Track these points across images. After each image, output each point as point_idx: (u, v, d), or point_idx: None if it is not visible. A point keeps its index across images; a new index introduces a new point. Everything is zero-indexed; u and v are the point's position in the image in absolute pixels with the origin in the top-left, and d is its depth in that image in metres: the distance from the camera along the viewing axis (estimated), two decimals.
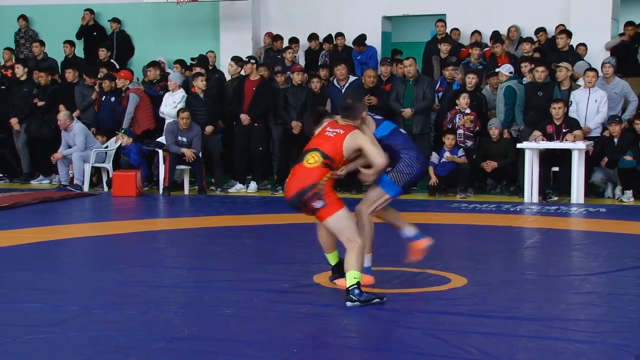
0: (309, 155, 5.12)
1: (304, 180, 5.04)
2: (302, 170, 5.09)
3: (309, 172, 5.06)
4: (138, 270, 6.09)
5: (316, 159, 5.08)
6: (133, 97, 11.61)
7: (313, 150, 5.13)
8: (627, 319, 4.59)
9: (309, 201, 5.04)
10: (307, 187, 5.02)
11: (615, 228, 8.04)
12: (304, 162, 5.10)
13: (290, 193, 5.10)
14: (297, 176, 5.10)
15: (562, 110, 10.09)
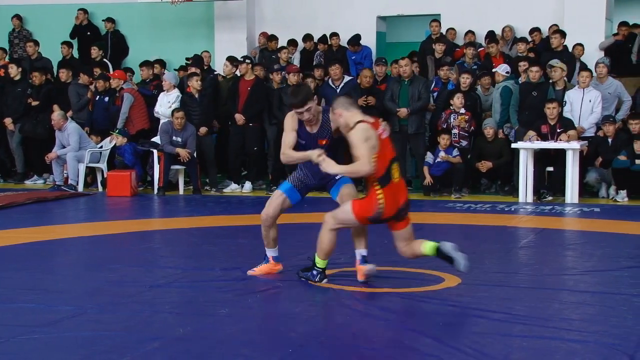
0: (393, 169, 5.19)
1: (401, 197, 5.23)
2: (395, 187, 5.18)
3: (400, 187, 5.23)
4: (133, 270, 6.09)
5: (398, 171, 5.24)
6: (127, 97, 11.61)
7: (393, 162, 5.19)
8: (620, 318, 4.61)
9: (402, 215, 5.25)
10: (405, 204, 5.25)
11: (609, 228, 8.07)
12: (393, 180, 5.17)
13: (390, 213, 5.19)
14: (396, 192, 5.19)
15: (556, 110, 10.12)
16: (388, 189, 5.14)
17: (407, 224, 5.29)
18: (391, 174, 5.14)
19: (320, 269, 5.47)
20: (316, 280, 5.44)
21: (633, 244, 7.22)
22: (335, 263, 6.23)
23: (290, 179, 5.74)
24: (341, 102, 5.31)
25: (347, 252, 6.71)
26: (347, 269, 5.97)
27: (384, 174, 5.14)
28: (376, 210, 5.17)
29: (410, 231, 5.33)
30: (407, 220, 5.29)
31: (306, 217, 9.07)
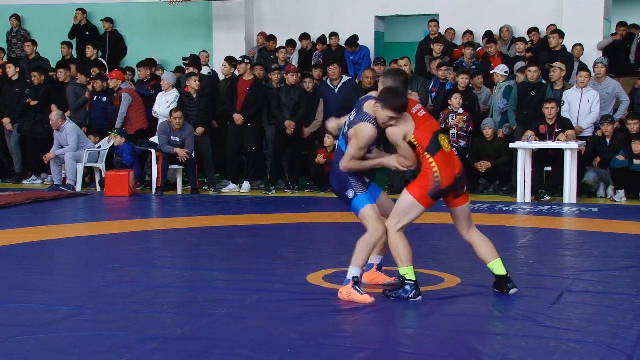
0: (442, 139, 4.96)
1: (455, 166, 4.99)
2: (447, 156, 4.95)
3: (453, 157, 5.02)
4: (131, 271, 6.08)
5: (448, 141, 5.05)
6: (126, 97, 11.60)
7: (439, 133, 4.99)
8: (619, 318, 4.61)
9: (460, 186, 5.03)
10: (462, 172, 5.02)
11: (608, 228, 8.07)
12: (444, 149, 4.94)
13: (449, 181, 4.93)
14: (449, 160, 4.95)
15: (554, 110, 10.12)
16: (440, 157, 4.91)
17: (466, 200, 5.10)
18: (440, 143, 4.93)
19: (412, 281, 4.96)
20: (410, 296, 4.94)
21: (631, 244, 7.22)
22: (335, 263, 6.24)
23: (360, 189, 5.15)
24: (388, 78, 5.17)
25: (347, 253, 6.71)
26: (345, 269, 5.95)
27: (431, 143, 4.91)
28: (434, 181, 4.90)
29: (469, 210, 5.14)
30: (466, 196, 5.09)
31: (305, 217, 9.07)
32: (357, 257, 5.10)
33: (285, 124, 11.00)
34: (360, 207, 5.13)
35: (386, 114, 4.92)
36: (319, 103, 11.27)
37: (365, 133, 4.99)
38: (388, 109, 4.90)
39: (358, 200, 5.13)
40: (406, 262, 4.98)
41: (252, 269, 6.04)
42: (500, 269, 5.09)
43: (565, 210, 9.37)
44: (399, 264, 5.00)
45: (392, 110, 4.90)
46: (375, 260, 5.41)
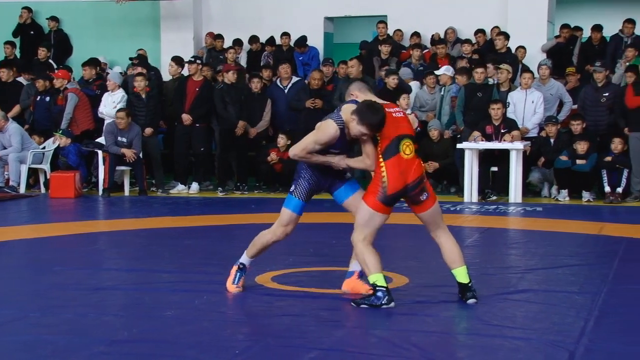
0: (404, 144, 4.80)
1: (409, 175, 4.80)
2: (403, 162, 4.79)
3: (411, 164, 4.81)
4: (77, 273, 5.99)
5: (411, 148, 4.82)
6: (72, 97, 11.43)
7: (404, 138, 4.81)
8: (562, 315, 4.70)
9: (414, 195, 4.85)
10: (415, 182, 4.81)
11: (552, 227, 8.23)
12: (401, 154, 4.79)
13: (396, 188, 4.79)
14: (404, 168, 4.79)
15: (500, 111, 10.28)
16: (393, 162, 4.77)
17: (426, 208, 4.90)
18: (399, 148, 4.78)
19: (383, 288, 4.83)
20: (383, 302, 4.79)
21: (574, 243, 7.38)
22: (284, 264, 6.24)
23: (299, 195, 5.13)
24: (358, 86, 5.08)
25: (296, 253, 6.72)
26: (295, 270, 5.97)
27: (388, 146, 4.78)
28: (381, 186, 4.79)
29: (433, 215, 4.95)
30: (426, 203, 4.89)
31: (254, 217, 9.05)
32: (250, 247, 5.26)
33: (239, 125, 10.94)
34: (286, 205, 5.16)
35: (360, 129, 4.78)
36: (266, 103, 11.25)
37: (327, 131, 4.87)
38: (363, 125, 4.76)
39: (290, 198, 5.14)
40: (374, 269, 4.86)
41: (200, 270, 6.01)
42: (463, 277, 4.92)
43: (510, 210, 9.53)
44: (367, 272, 4.89)
45: (368, 126, 4.75)
46: (356, 266, 5.23)
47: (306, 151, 4.98)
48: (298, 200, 5.11)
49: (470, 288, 4.91)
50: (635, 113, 10.13)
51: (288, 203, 5.16)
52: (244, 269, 5.27)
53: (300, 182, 5.11)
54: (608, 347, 4.10)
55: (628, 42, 11.99)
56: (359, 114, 4.78)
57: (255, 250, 5.25)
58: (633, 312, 4.79)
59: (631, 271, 6.02)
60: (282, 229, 5.15)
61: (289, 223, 5.14)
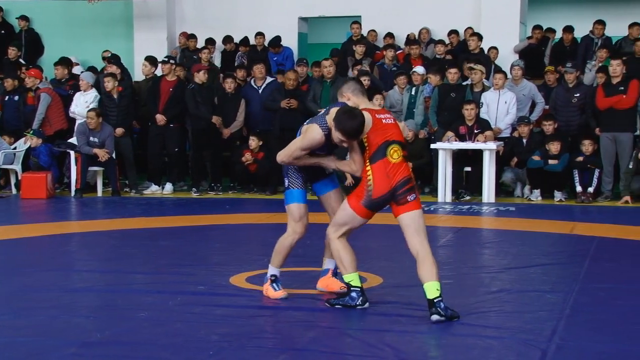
0: (391, 149, 4.73)
1: (395, 176, 4.72)
2: (390, 166, 4.73)
3: (398, 168, 4.73)
4: (49, 274, 5.93)
5: (399, 153, 4.75)
6: (45, 97, 11.32)
7: (392, 144, 4.75)
8: (534, 314, 4.74)
9: (401, 196, 4.73)
10: (400, 182, 4.72)
11: (524, 226, 8.30)
12: (388, 158, 4.73)
13: (381, 192, 4.73)
14: (391, 171, 4.73)
15: (473, 111, 10.34)
16: (379, 166, 4.72)
17: (408, 209, 4.73)
18: (386, 152, 4.72)
19: (358, 288, 4.84)
20: (357, 303, 4.81)
21: (546, 242, 7.44)
22: (259, 264, 6.22)
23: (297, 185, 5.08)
24: (351, 87, 4.99)
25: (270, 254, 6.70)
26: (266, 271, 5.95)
27: (376, 152, 4.73)
28: (366, 190, 4.74)
29: (415, 220, 4.73)
30: (410, 205, 4.73)
31: (229, 218, 9.02)
32: (274, 256, 5.14)
33: (213, 119, 10.89)
34: (288, 201, 5.11)
35: (336, 135, 4.75)
36: (240, 104, 11.22)
37: (312, 135, 4.83)
38: (338, 131, 4.71)
39: (289, 193, 5.09)
40: (350, 268, 4.85)
41: (174, 271, 5.97)
42: (431, 293, 4.59)
43: (484, 210, 9.59)
44: (343, 271, 4.88)
45: (342, 133, 4.70)
46: (329, 264, 5.23)
47: (292, 157, 4.96)
48: (297, 189, 5.07)
49: (436, 304, 4.54)
50: (606, 114, 10.24)
51: (290, 198, 5.09)
52: (276, 280, 5.11)
53: (291, 174, 5.08)
54: (579, 346, 4.15)
55: (598, 43, 12.13)
56: (335, 120, 4.72)
57: (281, 258, 5.12)
58: (604, 311, 4.84)
59: (602, 270, 6.09)
60: (299, 224, 5.04)
61: (301, 216, 5.06)
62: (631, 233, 7.80)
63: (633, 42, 11.71)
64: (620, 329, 4.45)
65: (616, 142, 10.20)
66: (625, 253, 6.83)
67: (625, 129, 10.20)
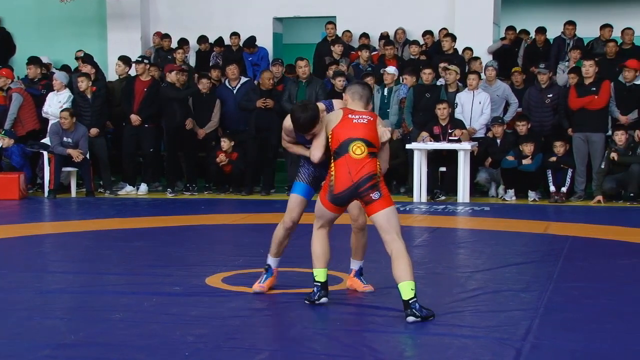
0: (354, 145, 4.77)
1: (357, 172, 4.76)
2: (352, 162, 4.77)
3: (361, 163, 4.76)
4: (21, 276, 5.88)
5: (362, 149, 4.77)
6: (17, 97, 11.20)
7: (355, 140, 4.78)
8: (509, 313, 4.77)
9: (364, 193, 4.75)
10: (363, 178, 4.75)
11: (499, 226, 8.36)
12: (350, 153, 4.77)
13: (342, 187, 4.79)
14: (353, 167, 4.77)
15: (446, 110, 10.40)
16: (341, 162, 4.79)
17: (378, 209, 4.75)
18: (348, 148, 4.77)
19: (319, 283, 4.92)
20: (315, 298, 4.90)
21: (520, 241, 7.50)
22: (234, 265, 6.21)
23: (302, 178, 5.14)
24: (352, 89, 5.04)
25: (246, 254, 6.71)
26: (244, 271, 5.95)
27: (337, 148, 4.81)
28: (329, 186, 4.83)
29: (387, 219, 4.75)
30: (378, 204, 4.76)
31: (204, 219, 9.00)
32: (271, 247, 5.28)
33: (187, 122, 10.84)
34: (292, 191, 5.24)
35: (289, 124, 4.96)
36: (215, 104, 11.18)
37: (285, 124, 5.07)
38: (292, 122, 4.90)
39: (294, 185, 5.22)
40: (318, 263, 4.94)
41: (149, 272, 5.94)
42: (406, 294, 4.58)
43: (459, 210, 9.64)
44: (313, 264, 4.99)
45: (293, 123, 4.87)
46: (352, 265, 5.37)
47: (283, 141, 5.21)
48: (302, 183, 5.14)
49: (410, 305, 4.54)
50: (578, 114, 10.34)
51: (293, 189, 5.22)
52: (269, 270, 5.28)
53: (301, 169, 5.20)
54: (553, 344, 4.18)
55: (570, 44, 12.24)
56: (290, 112, 4.95)
57: (274, 247, 5.26)
58: (577, 309, 4.89)
59: (575, 269, 6.15)
60: (287, 215, 5.14)
61: (294, 207, 5.13)
62: (604, 232, 7.88)
63: (604, 44, 11.84)
64: (593, 328, 4.50)
65: (588, 142, 10.30)
66: (598, 252, 6.91)
67: (597, 130, 10.30)
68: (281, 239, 5.22)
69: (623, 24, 12.58)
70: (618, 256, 6.66)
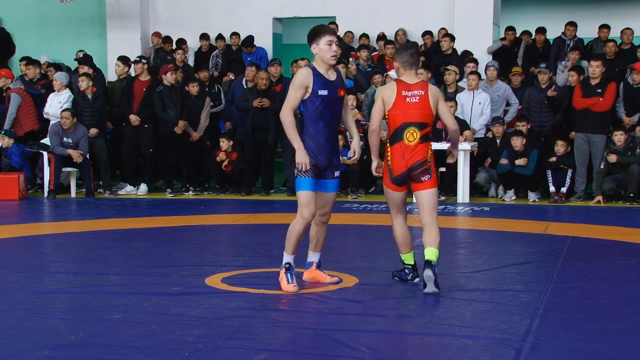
0: (408, 132, 5.27)
1: (410, 158, 5.29)
2: (405, 149, 5.29)
3: (414, 150, 5.29)
4: (20, 276, 5.87)
5: (415, 135, 5.29)
6: (15, 98, 11.21)
7: (409, 126, 5.26)
8: (508, 313, 4.77)
9: (416, 176, 5.32)
10: (416, 164, 5.29)
11: (498, 226, 8.35)
12: (405, 141, 5.29)
13: (399, 171, 5.33)
14: (406, 153, 5.29)
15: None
16: (396, 147, 5.30)
17: (424, 187, 5.32)
18: (402, 135, 5.27)
19: (409, 266, 5.55)
20: (407, 278, 5.52)
21: (520, 242, 7.49)
22: (234, 265, 6.21)
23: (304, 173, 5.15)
24: (403, 58, 5.39)
25: (246, 254, 6.71)
26: (246, 271, 5.96)
27: (394, 134, 5.31)
28: (389, 169, 5.36)
29: (429, 199, 5.33)
30: (426, 184, 5.31)
31: (204, 219, 9.00)
32: (286, 243, 5.26)
33: (179, 124, 10.83)
34: (297, 188, 5.22)
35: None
36: (204, 105, 11.17)
37: (297, 77, 5.14)
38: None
39: (298, 181, 5.19)
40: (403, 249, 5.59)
41: (149, 273, 5.94)
42: (430, 254, 5.24)
43: (458, 210, 9.64)
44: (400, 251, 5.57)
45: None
46: (314, 257, 5.48)
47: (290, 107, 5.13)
48: (305, 178, 5.15)
49: (432, 264, 5.17)
50: (580, 114, 10.33)
51: (299, 186, 5.18)
52: (290, 268, 5.27)
53: None
54: (553, 344, 4.18)
55: (570, 44, 12.24)
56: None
57: (291, 244, 5.25)
58: (577, 310, 4.89)
59: (575, 269, 6.15)
60: (305, 210, 5.14)
61: (308, 202, 5.14)
62: (603, 232, 7.88)
63: (604, 44, 11.84)
64: (592, 328, 4.50)
65: (589, 143, 10.30)
66: (598, 252, 6.90)
67: (599, 131, 10.29)
68: (299, 235, 5.21)
69: (623, 24, 12.61)
70: (618, 256, 6.66)
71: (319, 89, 5.12)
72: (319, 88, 5.12)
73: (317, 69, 5.19)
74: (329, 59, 5.17)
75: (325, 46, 5.16)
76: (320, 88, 5.13)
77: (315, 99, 5.13)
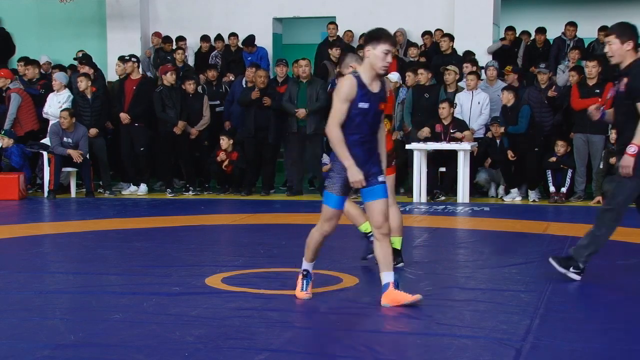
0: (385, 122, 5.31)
1: None
2: None
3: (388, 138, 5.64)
4: (20, 276, 5.87)
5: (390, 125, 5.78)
6: (15, 98, 11.21)
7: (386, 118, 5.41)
8: (508, 313, 4.77)
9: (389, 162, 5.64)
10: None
11: (499, 226, 8.35)
12: None
13: None
14: None
15: (445, 110, 10.41)
16: None
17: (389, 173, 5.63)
18: None
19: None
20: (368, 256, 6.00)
21: (520, 242, 7.49)
22: (234, 265, 6.21)
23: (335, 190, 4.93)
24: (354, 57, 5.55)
25: (246, 254, 6.70)
26: (246, 271, 5.95)
27: None
28: None
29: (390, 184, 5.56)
30: (388, 170, 5.52)
31: (204, 219, 9.00)
32: (306, 250, 5.13)
33: (179, 125, 10.82)
34: (325, 201, 5.00)
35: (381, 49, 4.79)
36: (203, 104, 11.17)
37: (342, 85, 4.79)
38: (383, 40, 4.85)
39: (326, 195, 4.98)
40: None
41: (149, 273, 5.94)
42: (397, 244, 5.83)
43: (458, 210, 9.64)
44: None
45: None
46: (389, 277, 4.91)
47: (337, 119, 4.78)
48: (335, 195, 4.95)
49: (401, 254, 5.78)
50: (579, 114, 10.32)
51: (326, 200, 5.01)
52: (308, 275, 5.13)
53: (333, 176, 4.95)
54: (553, 344, 4.18)
55: (570, 44, 12.24)
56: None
57: (311, 252, 5.12)
58: (577, 310, 4.90)
59: None
60: (326, 224, 5.02)
61: (331, 218, 5.01)
62: None
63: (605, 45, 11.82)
64: (592, 328, 4.50)
65: (589, 143, 10.30)
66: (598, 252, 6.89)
67: (598, 131, 10.28)
68: (317, 244, 5.07)
69: None
70: (618, 256, 6.66)
71: (359, 102, 4.79)
72: (360, 100, 4.79)
73: (361, 79, 4.82)
74: (380, 68, 4.80)
75: (382, 54, 4.79)
76: (361, 100, 4.79)
77: (354, 110, 4.80)
